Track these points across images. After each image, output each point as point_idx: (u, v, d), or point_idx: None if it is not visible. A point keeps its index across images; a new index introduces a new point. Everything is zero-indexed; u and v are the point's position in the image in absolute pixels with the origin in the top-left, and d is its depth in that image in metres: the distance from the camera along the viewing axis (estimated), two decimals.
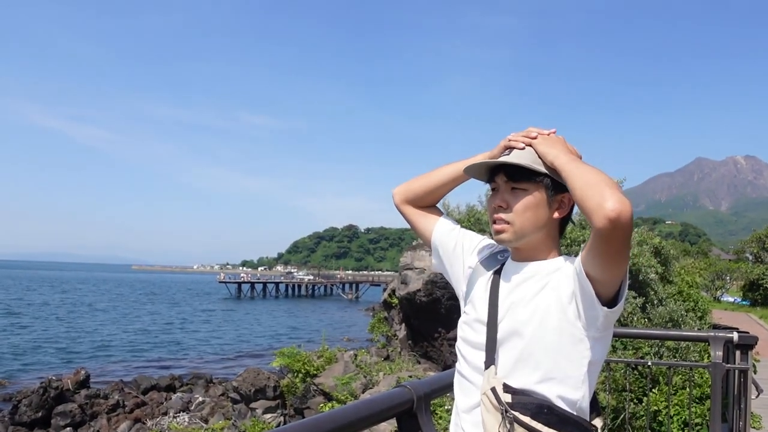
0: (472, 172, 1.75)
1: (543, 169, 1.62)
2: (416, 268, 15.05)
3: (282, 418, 14.14)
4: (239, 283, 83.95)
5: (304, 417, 13.63)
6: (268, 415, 14.08)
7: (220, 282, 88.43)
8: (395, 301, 18.25)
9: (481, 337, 1.65)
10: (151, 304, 59.29)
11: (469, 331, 1.71)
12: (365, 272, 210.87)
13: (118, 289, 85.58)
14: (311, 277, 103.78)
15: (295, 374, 13.93)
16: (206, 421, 15.62)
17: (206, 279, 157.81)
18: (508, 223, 1.64)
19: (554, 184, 1.63)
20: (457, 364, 1.76)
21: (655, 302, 11.10)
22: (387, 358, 16.80)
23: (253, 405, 14.63)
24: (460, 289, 1.87)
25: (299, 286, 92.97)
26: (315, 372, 13.92)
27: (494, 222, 1.67)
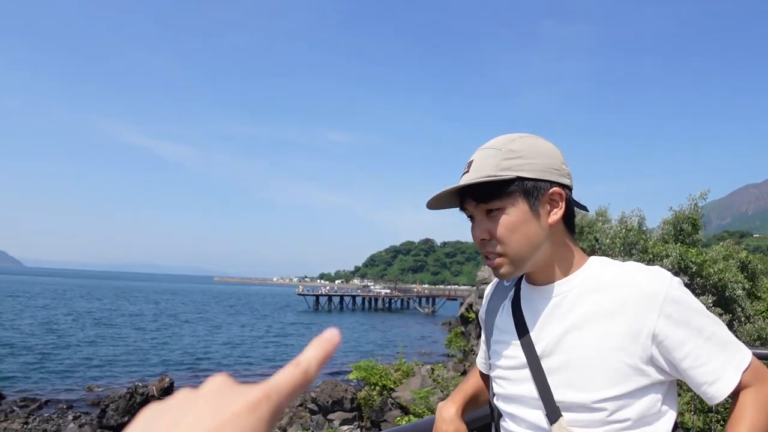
0: (437, 204, 1.42)
1: (509, 174, 1.31)
2: None
3: (358, 430, 14.24)
4: (317, 296, 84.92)
5: (380, 430, 13.69)
6: (345, 427, 14.21)
7: (298, 294, 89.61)
8: (472, 315, 18.15)
9: (527, 387, 1.37)
10: (235, 315, 60.61)
11: (509, 385, 1.43)
12: (442, 286, 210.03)
13: (203, 300, 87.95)
14: (388, 291, 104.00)
15: (372, 387, 14.01)
16: (284, 431, 15.86)
17: (285, 291, 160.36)
18: (500, 255, 1.34)
19: (532, 186, 1.32)
20: (502, 423, 1.47)
21: (743, 319, 10.68)
22: (464, 373, 16.68)
23: (330, 416, 14.78)
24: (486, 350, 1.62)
25: (376, 300, 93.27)
26: (392, 385, 13.98)
27: (486, 258, 1.38)
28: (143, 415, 0.44)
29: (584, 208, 1.45)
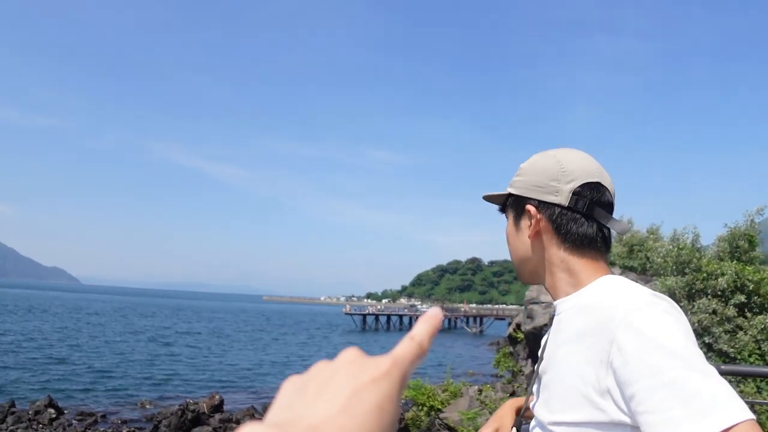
0: (495, 200, 1.54)
1: (507, 190, 1.46)
2: (542, 302, 14.79)
3: None
4: (364, 315, 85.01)
5: None
6: None
7: (345, 314, 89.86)
8: (521, 335, 17.96)
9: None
10: (285, 335, 61.03)
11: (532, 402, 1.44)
12: (489, 306, 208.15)
13: (253, 319, 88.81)
14: None
15: (420, 407, 13.94)
16: None
17: (333, 310, 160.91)
18: None
19: (514, 201, 1.44)
20: None
21: None
22: (512, 394, 16.49)
23: None
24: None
25: None
26: (440, 406, 13.90)
27: None
28: (286, 388, 0.48)
29: (617, 224, 1.36)
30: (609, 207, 1.37)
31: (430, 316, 0.55)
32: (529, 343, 15.86)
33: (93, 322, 59.14)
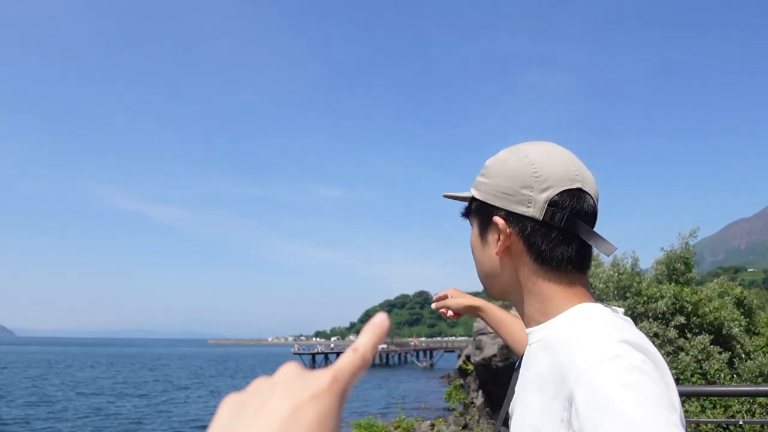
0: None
1: (470, 192, 1.24)
2: (491, 333, 14.86)
3: None
4: (313, 354, 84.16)
5: None
6: None
7: (294, 353, 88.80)
8: (470, 367, 18.01)
9: None
10: (232, 378, 59.86)
11: None
12: (439, 338, 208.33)
13: (199, 364, 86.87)
14: (384, 346, 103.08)
15: None
16: None
17: (281, 351, 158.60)
18: None
19: (478, 208, 1.22)
20: None
21: (743, 356, 10.63)
22: (465, 426, 16.47)
23: None
24: None
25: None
26: None
27: None
28: (225, 405, 0.48)
29: (602, 244, 1.14)
30: (591, 217, 1.15)
31: (375, 325, 0.52)
32: (480, 374, 15.92)
33: (25, 375, 57.04)
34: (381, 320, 0.51)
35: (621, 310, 1.13)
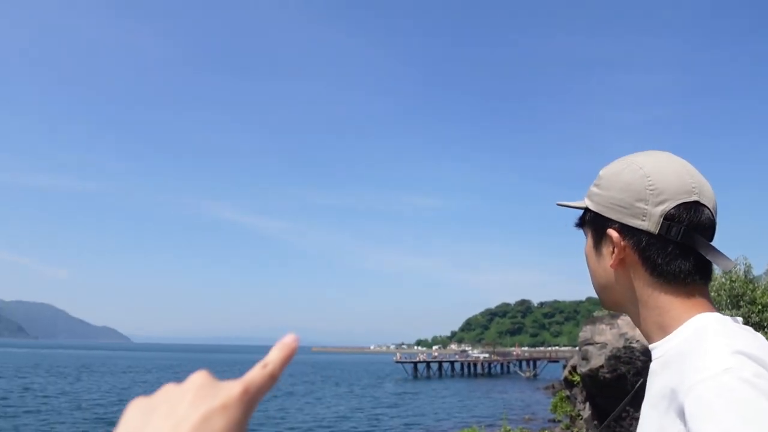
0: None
1: (584, 202, 1.22)
2: (597, 343, 14.54)
3: None
4: (415, 363, 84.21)
5: None
6: None
7: (396, 362, 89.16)
8: (577, 378, 17.64)
9: None
10: (336, 386, 60.76)
11: None
12: (542, 348, 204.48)
13: (303, 371, 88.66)
14: (486, 355, 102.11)
15: None
16: None
17: (383, 359, 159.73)
18: None
19: (592, 219, 1.19)
20: None
21: None
22: None
23: None
24: None
25: (475, 365, 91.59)
26: None
27: None
28: (132, 411, 0.47)
29: (721, 259, 1.08)
30: (709, 230, 1.10)
31: (284, 345, 0.53)
32: (586, 386, 15.57)
33: (142, 380, 59.80)
34: (291, 340, 0.53)
35: (740, 319, 1.08)
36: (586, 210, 1.21)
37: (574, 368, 17.74)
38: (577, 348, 16.86)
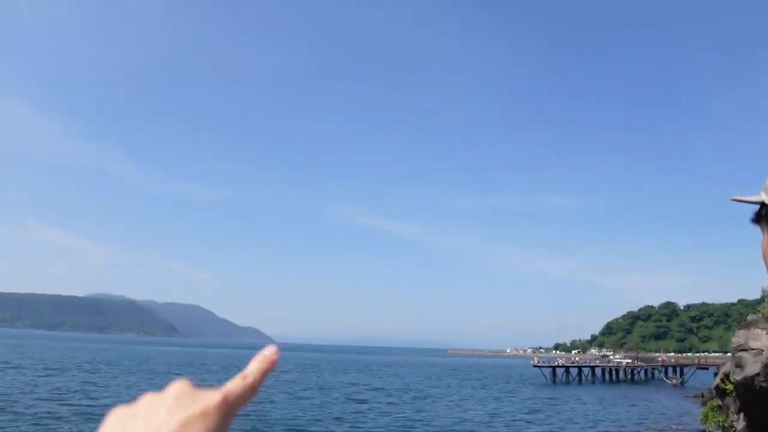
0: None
1: (759, 197, 1.13)
2: (752, 349, 13.66)
3: None
4: (554, 368, 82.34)
5: None
6: None
7: (534, 366, 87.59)
8: (730, 387, 16.65)
9: None
10: (474, 389, 60.54)
11: None
12: (689, 354, 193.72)
13: (440, 373, 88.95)
14: (629, 361, 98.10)
15: None
16: None
17: (520, 363, 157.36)
18: None
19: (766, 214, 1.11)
20: None
21: None
22: None
23: None
24: None
25: (617, 371, 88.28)
26: None
27: None
28: (114, 416, 0.46)
29: None
30: None
31: (264, 357, 0.52)
32: (740, 395, 14.65)
33: (285, 379, 62.01)
34: (271, 353, 0.52)
35: None
36: (763, 205, 1.14)
37: (726, 376, 16.76)
38: (729, 354, 15.94)
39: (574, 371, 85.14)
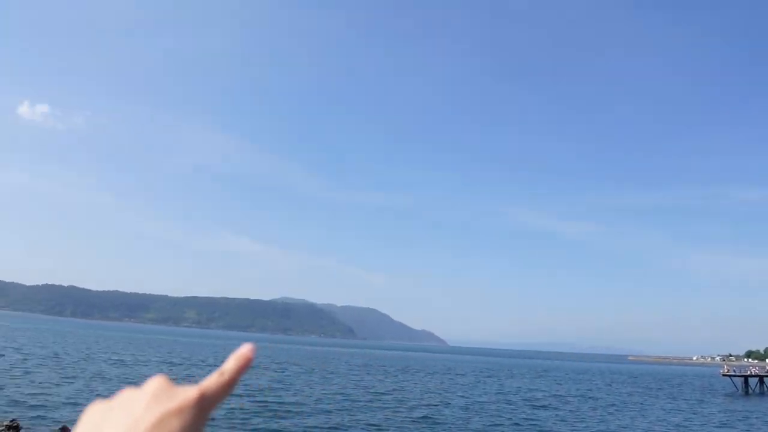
0: None
1: None
2: None
3: None
4: (746, 377, 76.34)
5: None
6: None
7: (723, 375, 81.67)
8: None
9: None
10: (655, 398, 57.79)
11: None
12: None
13: (621, 380, 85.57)
14: None
15: None
16: None
17: (707, 372, 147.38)
18: None
19: None
20: None
21: None
22: None
23: None
24: None
25: None
26: None
27: None
28: (90, 413, 0.47)
29: None
30: None
31: (241, 355, 0.51)
32: None
33: (461, 382, 62.32)
34: (247, 350, 0.50)
35: None
36: None
37: None
38: None
39: None
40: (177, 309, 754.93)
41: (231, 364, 0.53)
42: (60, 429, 18.02)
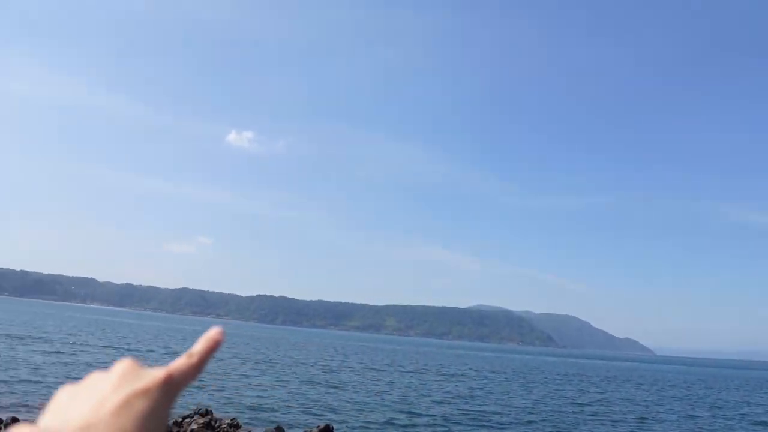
0: None
1: None
2: None
3: None
4: None
5: None
6: None
7: None
8: None
9: None
10: None
11: None
12: None
13: None
14: None
15: None
16: None
17: None
18: None
19: None
20: None
21: None
22: None
23: None
24: None
25: None
26: None
27: None
28: (59, 395, 0.48)
29: None
30: None
31: (210, 337, 0.53)
32: None
33: (675, 395, 58.45)
34: (215, 333, 0.53)
35: None
36: None
37: None
38: None
39: None
40: (378, 317, 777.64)
41: (200, 346, 0.53)
42: (275, 428, 19.41)
